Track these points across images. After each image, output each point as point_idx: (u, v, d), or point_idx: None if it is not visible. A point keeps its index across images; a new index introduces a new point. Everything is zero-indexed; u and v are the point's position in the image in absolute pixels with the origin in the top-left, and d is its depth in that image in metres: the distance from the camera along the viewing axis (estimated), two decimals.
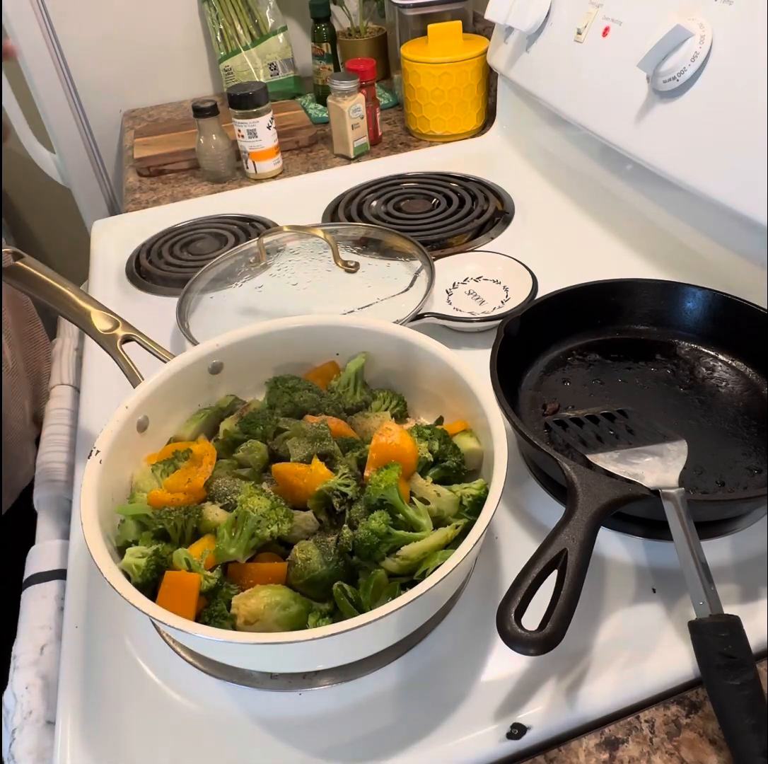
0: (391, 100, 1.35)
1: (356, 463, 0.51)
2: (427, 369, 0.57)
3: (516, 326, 0.62)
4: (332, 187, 1.04)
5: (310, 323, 0.60)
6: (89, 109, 1.42)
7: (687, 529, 0.45)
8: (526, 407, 0.62)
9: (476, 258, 0.81)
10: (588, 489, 0.45)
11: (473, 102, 1.16)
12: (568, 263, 0.80)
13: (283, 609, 0.44)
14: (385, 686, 0.46)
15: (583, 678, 0.45)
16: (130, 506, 0.50)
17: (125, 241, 0.97)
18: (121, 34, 1.36)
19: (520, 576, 0.41)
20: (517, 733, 0.43)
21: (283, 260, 0.82)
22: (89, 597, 0.53)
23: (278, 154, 1.13)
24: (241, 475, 0.52)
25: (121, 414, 0.52)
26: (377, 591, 0.44)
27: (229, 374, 0.60)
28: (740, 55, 0.64)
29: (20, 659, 0.52)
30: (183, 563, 0.45)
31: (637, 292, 0.66)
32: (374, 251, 0.83)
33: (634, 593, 0.50)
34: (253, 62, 1.35)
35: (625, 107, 0.76)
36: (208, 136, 1.11)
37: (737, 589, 0.49)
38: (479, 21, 1.22)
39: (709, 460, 0.55)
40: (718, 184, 0.66)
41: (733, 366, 0.63)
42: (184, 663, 0.48)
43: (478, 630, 0.48)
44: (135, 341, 0.59)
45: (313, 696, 0.46)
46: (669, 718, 0.44)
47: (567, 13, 0.88)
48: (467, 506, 0.48)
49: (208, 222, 1.00)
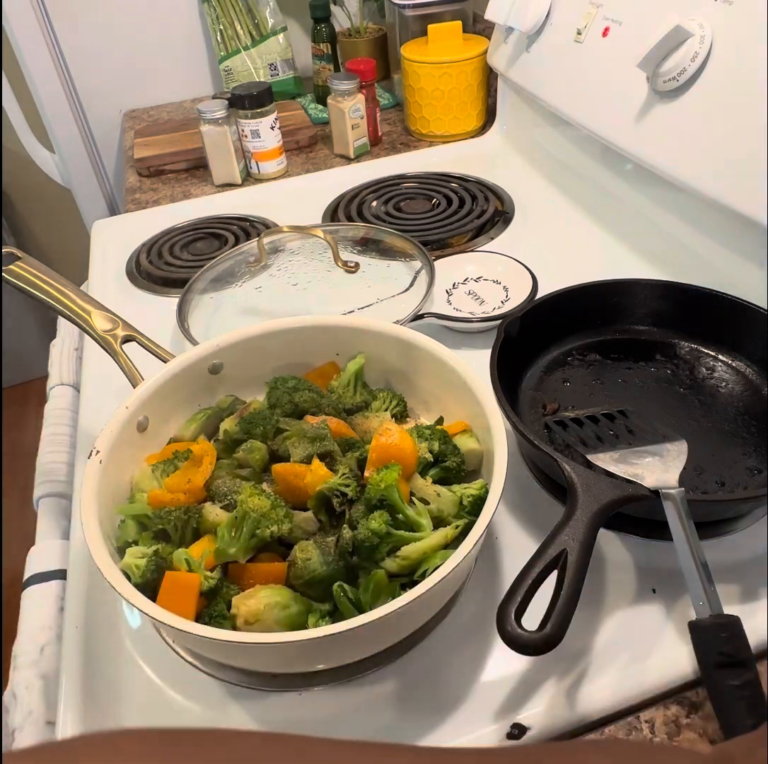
0: (391, 101, 1.35)
1: (356, 463, 0.51)
2: (427, 369, 0.57)
3: (516, 326, 0.62)
4: (332, 188, 1.04)
5: (310, 323, 0.60)
6: (89, 109, 1.41)
7: (687, 529, 0.45)
8: (526, 407, 0.62)
9: (476, 258, 0.81)
10: (588, 489, 0.45)
11: (473, 102, 1.16)
12: (568, 263, 0.80)
13: (283, 609, 0.44)
14: (385, 686, 0.46)
15: (583, 678, 0.45)
16: (130, 506, 0.50)
17: (125, 241, 0.97)
18: (121, 35, 1.36)
19: (520, 576, 0.41)
20: (517, 733, 0.43)
21: (283, 260, 0.82)
22: (89, 597, 0.53)
23: (282, 155, 1.12)
24: (241, 475, 0.52)
25: (121, 414, 0.52)
26: (377, 591, 0.44)
27: (229, 374, 0.60)
28: (740, 55, 0.64)
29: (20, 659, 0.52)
30: (183, 563, 0.45)
31: (637, 292, 0.66)
32: (374, 251, 0.83)
33: (634, 593, 0.50)
34: (253, 62, 1.35)
35: (625, 107, 0.76)
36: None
37: (737, 589, 0.49)
38: (479, 21, 1.22)
39: (709, 460, 0.55)
40: (718, 184, 0.66)
41: (733, 366, 0.63)
42: (184, 663, 0.48)
43: (478, 630, 0.48)
44: (135, 341, 0.59)
45: (313, 696, 0.46)
46: (669, 718, 0.44)
47: (567, 13, 0.88)
48: (467, 507, 0.48)
49: (208, 222, 1.00)
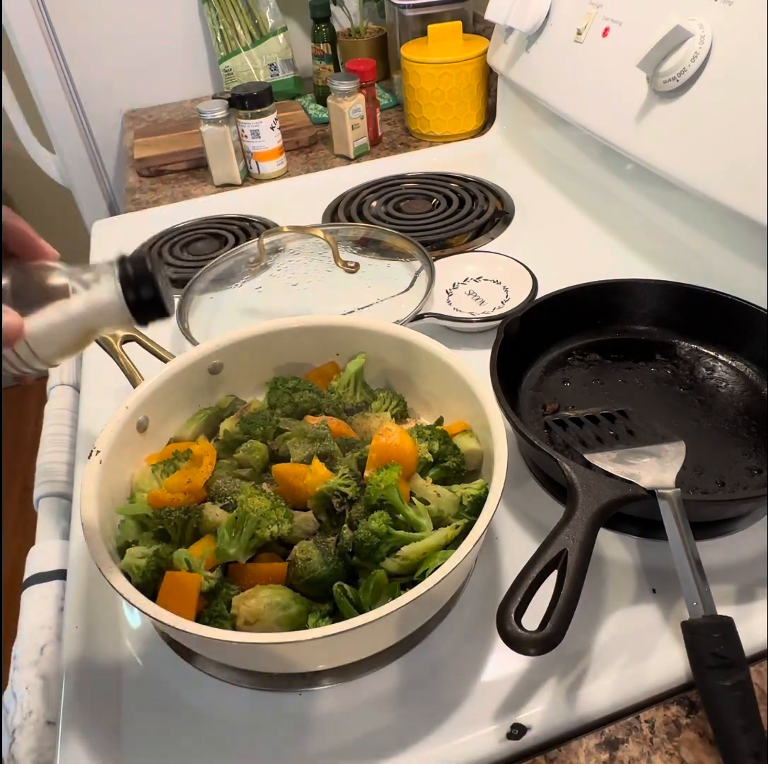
0: (391, 101, 1.35)
1: (356, 463, 0.51)
2: (427, 369, 0.57)
3: (516, 326, 0.62)
4: (332, 188, 1.04)
5: (310, 323, 0.60)
6: (89, 109, 1.41)
7: (682, 529, 0.45)
8: (526, 407, 0.62)
9: (476, 258, 0.81)
10: (588, 489, 0.45)
11: (473, 102, 1.16)
12: (568, 263, 0.80)
13: (283, 609, 0.44)
14: (385, 686, 0.46)
15: (583, 678, 0.45)
16: (130, 506, 0.50)
17: (125, 241, 0.97)
18: (121, 34, 1.36)
19: (520, 576, 0.41)
20: (517, 733, 0.43)
21: (283, 260, 0.82)
22: (89, 597, 0.53)
23: (282, 155, 1.12)
24: (241, 475, 0.52)
25: (121, 414, 0.52)
26: (377, 591, 0.44)
27: (229, 374, 0.60)
28: (740, 55, 0.64)
29: (20, 659, 0.52)
30: (183, 563, 0.45)
31: (637, 292, 0.66)
32: (374, 251, 0.83)
33: (634, 593, 0.50)
34: (253, 63, 1.35)
35: (625, 107, 0.76)
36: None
37: (736, 590, 0.49)
38: (479, 21, 1.22)
39: (709, 460, 0.55)
40: (718, 185, 0.66)
41: (733, 366, 0.63)
42: (184, 663, 0.48)
43: (478, 630, 0.48)
44: (135, 341, 0.59)
45: (313, 696, 0.46)
46: (669, 718, 0.44)
47: (567, 13, 0.88)
48: (467, 507, 0.48)
49: (208, 222, 1.00)
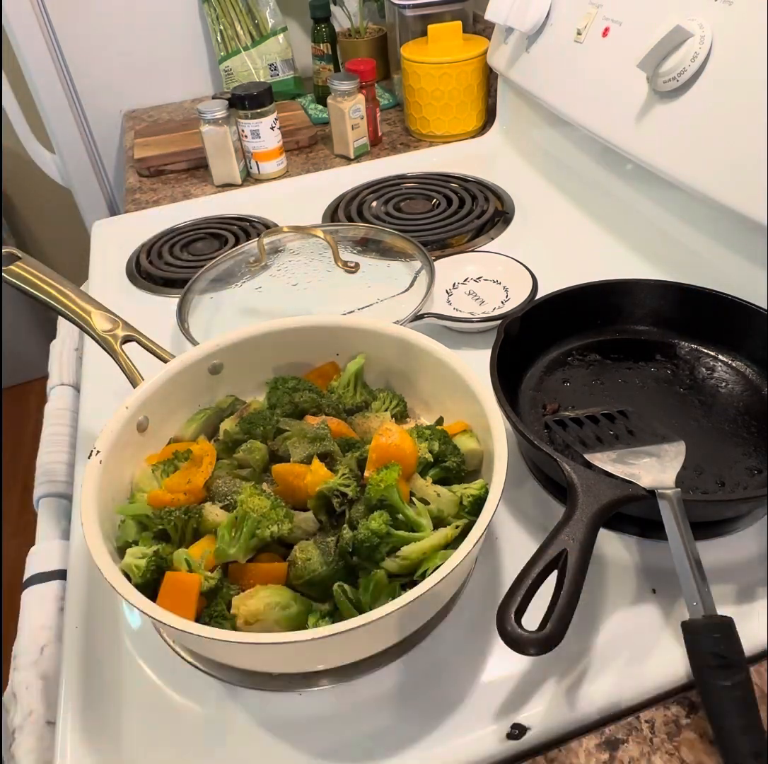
0: (391, 101, 1.35)
1: (356, 463, 0.51)
2: (427, 369, 0.57)
3: (516, 326, 0.62)
4: (332, 188, 1.04)
5: (310, 323, 0.60)
6: (89, 109, 1.41)
7: (682, 529, 0.45)
8: (526, 407, 0.62)
9: (476, 258, 0.81)
10: (588, 489, 0.45)
11: (473, 102, 1.16)
12: (568, 263, 0.80)
13: (283, 609, 0.44)
14: (385, 686, 0.46)
15: (583, 678, 0.45)
16: (130, 506, 0.50)
17: (125, 241, 0.97)
18: (121, 34, 1.36)
19: (520, 576, 0.41)
20: (517, 733, 0.43)
21: (283, 260, 0.82)
22: (89, 597, 0.53)
23: (282, 155, 1.12)
24: (241, 475, 0.52)
25: (121, 414, 0.52)
26: (377, 591, 0.44)
27: (229, 374, 0.60)
28: (740, 55, 0.64)
29: (20, 659, 0.52)
30: (183, 563, 0.45)
31: (637, 292, 0.66)
32: (374, 251, 0.83)
33: (634, 593, 0.50)
34: (253, 63, 1.35)
35: (625, 107, 0.76)
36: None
37: (736, 590, 0.49)
38: (479, 21, 1.22)
39: (709, 460, 0.55)
40: (718, 185, 0.66)
41: (733, 366, 0.63)
42: (184, 663, 0.48)
43: (478, 630, 0.48)
44: (135, 341, 0.59)
45: (313, 696, 0.46)
46: (669, 718, 0.44)
47: (567, 13, 0.88)
48: (467, 507, 0.48)
49: (208, 222, 1.00)
